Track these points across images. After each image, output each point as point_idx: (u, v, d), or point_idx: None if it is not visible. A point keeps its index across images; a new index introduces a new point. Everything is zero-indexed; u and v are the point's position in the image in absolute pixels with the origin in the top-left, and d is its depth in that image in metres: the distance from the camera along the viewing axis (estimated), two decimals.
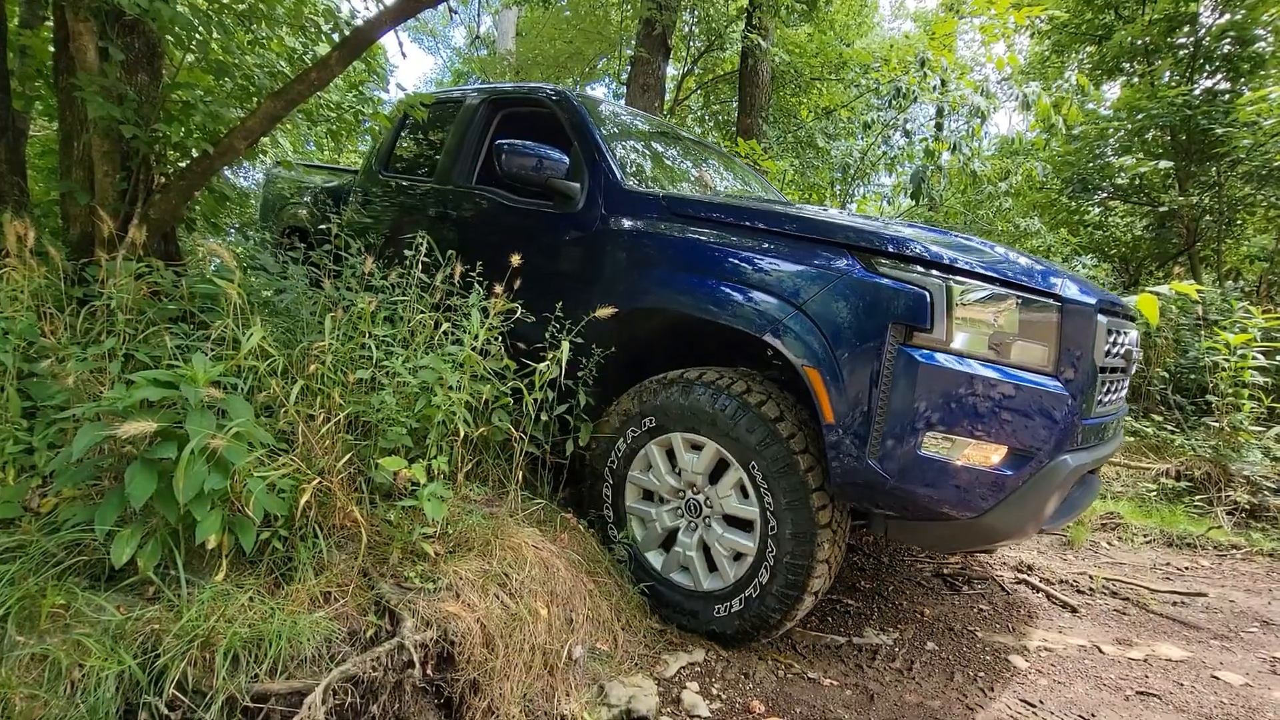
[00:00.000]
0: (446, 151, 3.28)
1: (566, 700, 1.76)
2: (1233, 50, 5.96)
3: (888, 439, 1.79)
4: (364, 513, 1.84)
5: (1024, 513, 1.88)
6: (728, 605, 2.13)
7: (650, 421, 2.23)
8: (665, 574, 2.26)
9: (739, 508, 2.10)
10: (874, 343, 1.81)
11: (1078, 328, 1.92)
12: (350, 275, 2.42)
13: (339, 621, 1.60)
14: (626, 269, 2.39)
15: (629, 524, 2.33)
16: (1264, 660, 2.35)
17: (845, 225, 2.04)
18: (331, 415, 1.84)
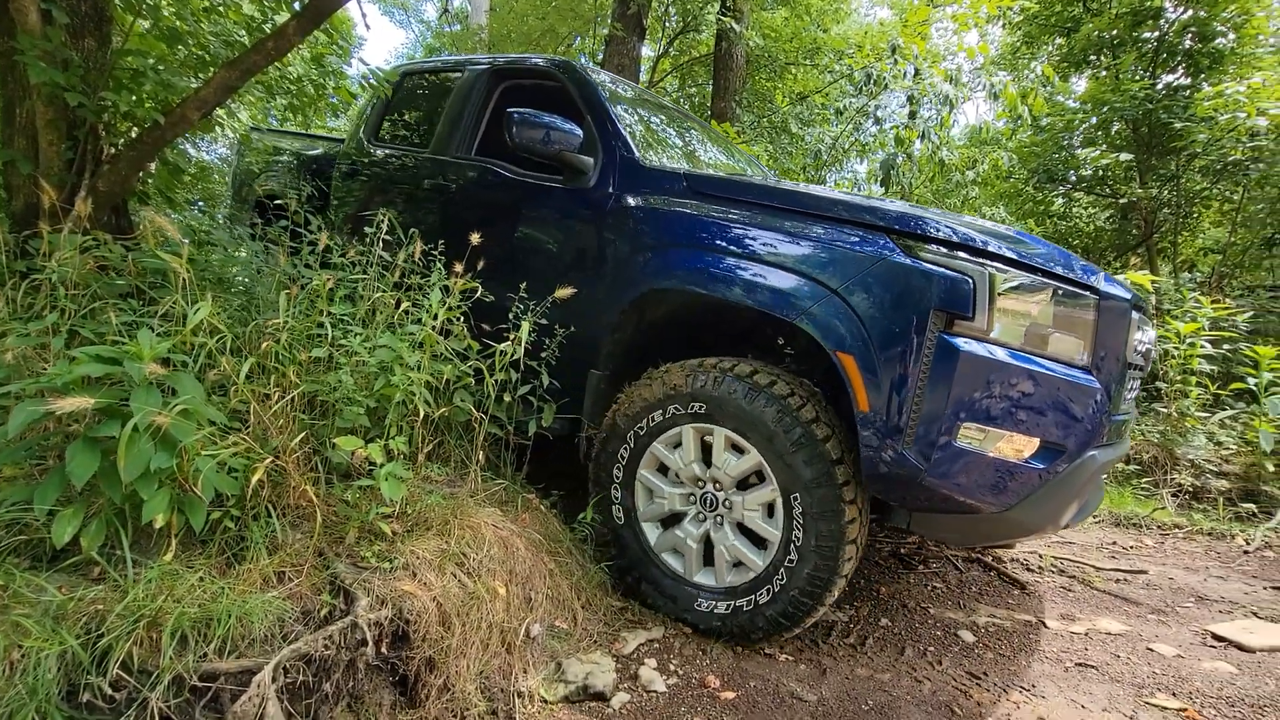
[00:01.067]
0: (444, 122, 3.16)
1: (524, 678, 1.78)
2: (1194, 46, 6.11)
3: (924, 429, 1.73)
4: (320, 493, 1.83)
5: (1051, 508, 1.86)
6: (713, 605, 2.10)
7: (699, 407, 2.08)
8: (657, 550, 2.24)
9: (761, 525, 2.04)
10: (914, 330, 1.74)
11: (1112, 323, 1.89)
12: (309, 252, 2.37)
13: (292, 601, 1.59)
14: (644, 249, 2.29)
15: (635, 490, 2.25)
16: (1196, 633, 2.47)
17: (883, 208, 1.98)
18: (286, 394, 1.81)
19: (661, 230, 2.29)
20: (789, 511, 1.96)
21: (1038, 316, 1.79)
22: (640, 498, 2.26)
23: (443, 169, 3.04)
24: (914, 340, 1.74)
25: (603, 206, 2.45)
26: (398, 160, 3.31)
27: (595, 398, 2.39)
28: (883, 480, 1.82)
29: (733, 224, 2.15)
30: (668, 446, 2.19)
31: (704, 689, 1.88)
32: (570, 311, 2.41)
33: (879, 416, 1.78)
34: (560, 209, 2.60)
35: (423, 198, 3.07)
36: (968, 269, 1.75)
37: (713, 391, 2.05)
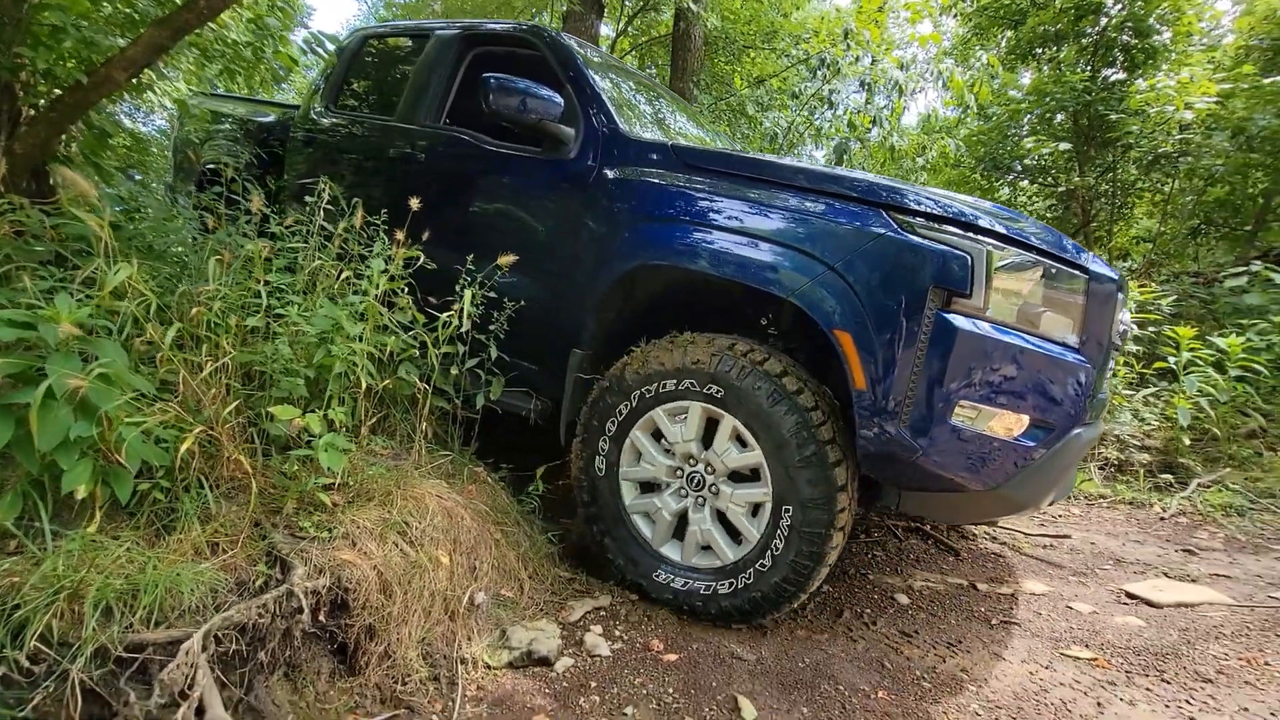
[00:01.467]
0: (411, 89, 3.02)
1: (468, 644, 1.79)
2: (1130, 42, 6.37)
3: (920, 408, 1.71)
4: (257, 464, 1.79)
5: (1040, 485, 1.88)
6: (671, 579, 2.09)
7: (715, 390, 1.97)
8: (630, 510, 2.20)
9: (743, 521, 2.01)
10: (912, 307, 1.72)
11: (1101, 302, 1.89)
12: (246, 220, 2.29)
13: (227, 572, 1.56)
14: (631, 223, 2.20)
15: (624, 448, 2.17)
16: (1112, 592, 2.63)
17: (879, 183, 1.93)
18: (220, 364, 1.76)
19: (650, 204, 2.20)
20: (776, 520, 1.93)
21: (1031, 295, 1.79)
22: (627, 456, 2.18)
23: (410, 138, 2.91)
24: (912, 318, 1.72)
25: (585, 179, 2.36)
26: (360, 128, 3.17)
27: (577, 377, 2.30)
28: (877, 459, 1.81)
29: (726, 198, 2.08)
30: (670, 417, 2.11)
31: (648, 652, 1.93)
32: (550, 288, 2.34)
33: (876, 395, 1.75)
34: (539, 181, 2.50)
35: (388, 168, 2.94)
36: (965, 246, 1.73)
37: (735, 381, 1.94)
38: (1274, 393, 4.42)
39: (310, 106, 3.46)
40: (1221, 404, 4.25)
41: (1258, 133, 6.14)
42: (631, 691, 1.73)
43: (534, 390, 2.50)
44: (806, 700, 1.72)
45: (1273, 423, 4.33)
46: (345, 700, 1.56)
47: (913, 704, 1.72)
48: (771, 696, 1.73)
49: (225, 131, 3.90)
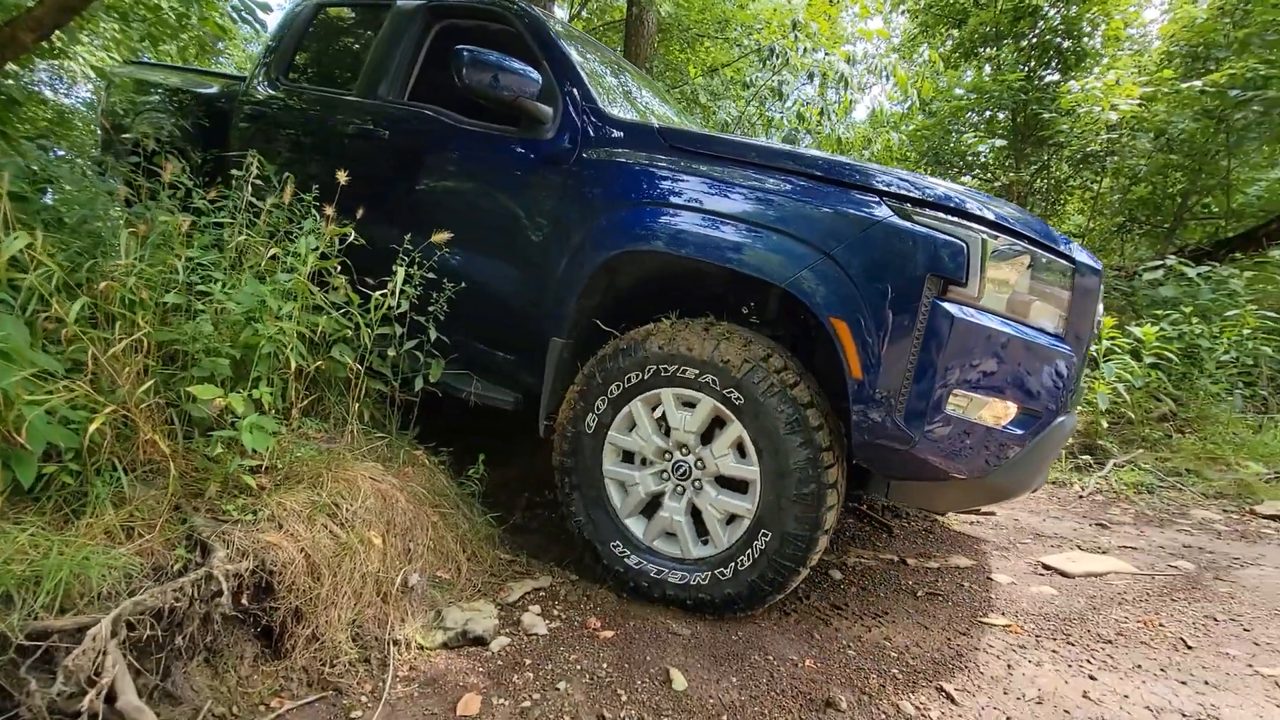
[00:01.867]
0: (372, 62, 2.86)
1: (401, 626, 1.78)
2: (1064, 44, 6.66)
3: (916, 397, 1.70)
4: (177, 446, 1.72)
5: (1027, 472, 1.89)
6: (626, 555, 2.08)
7: (735, 396, 1.89)
8: (606, 473, 2.14)
9: (714, 525, 2.00)
10: (909, 295, 1.70)
11: (1085, 293, 1.89)
12: (169, 195, 2.19)
13: (142, 557, 1.51)
14: (616, 207, 2.12)
15: (621, 414, 2.09)
16: (1030, 564, 2.79)
17: (874, 169, 1.91)
18: (136, 342, 1.68)
19: (635, 187, 2.12)
20: (750, 539, 1.92)
21: (1021, 284, 1.79)
22: (621, 422, 2.10)
23: (372, 114, 2.77)
24: (909, 306, 1.70)
25: (565, 160, 2.27)
26: (316, 103, 3.01)
27: (558, 368, 2.21)
28: (872, 449, 1.79)
29: (716, 182, 2.02)
30: (679, 402, 2.02)
31: (585, 630, 1.95)
32: (527, 273, 2.26)
33: (872, 384, 1.73)
34: (514, 161, 2.39)
35: (348, 146, 2.79)
36: (961, 234, 1.71)
37: (759, 395, 1.87)
38: (1184, 379, 4.74)
39: (257, 78, 3.26)
40: (1137, 389, 4.53)
41: (1177, 135, 6.53)
42: (566, 668, 1.75)
43: (510, 380, 2.43)
44: (736, 670, 1.77)
45: (1182, 407, 4.65)
46: (270, 684, 1.53)
47: (837, 671, 1.80)
48: (703, 668, 1.78)
49: (159, 103, 3.62)
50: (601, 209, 2.15)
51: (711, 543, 2.02)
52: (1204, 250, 6.54)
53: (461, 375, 2.46)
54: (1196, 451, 4.22)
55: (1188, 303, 5.03)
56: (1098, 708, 1.69)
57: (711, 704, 1.63)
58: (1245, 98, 5.68)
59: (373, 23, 3.06)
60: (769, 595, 1.94)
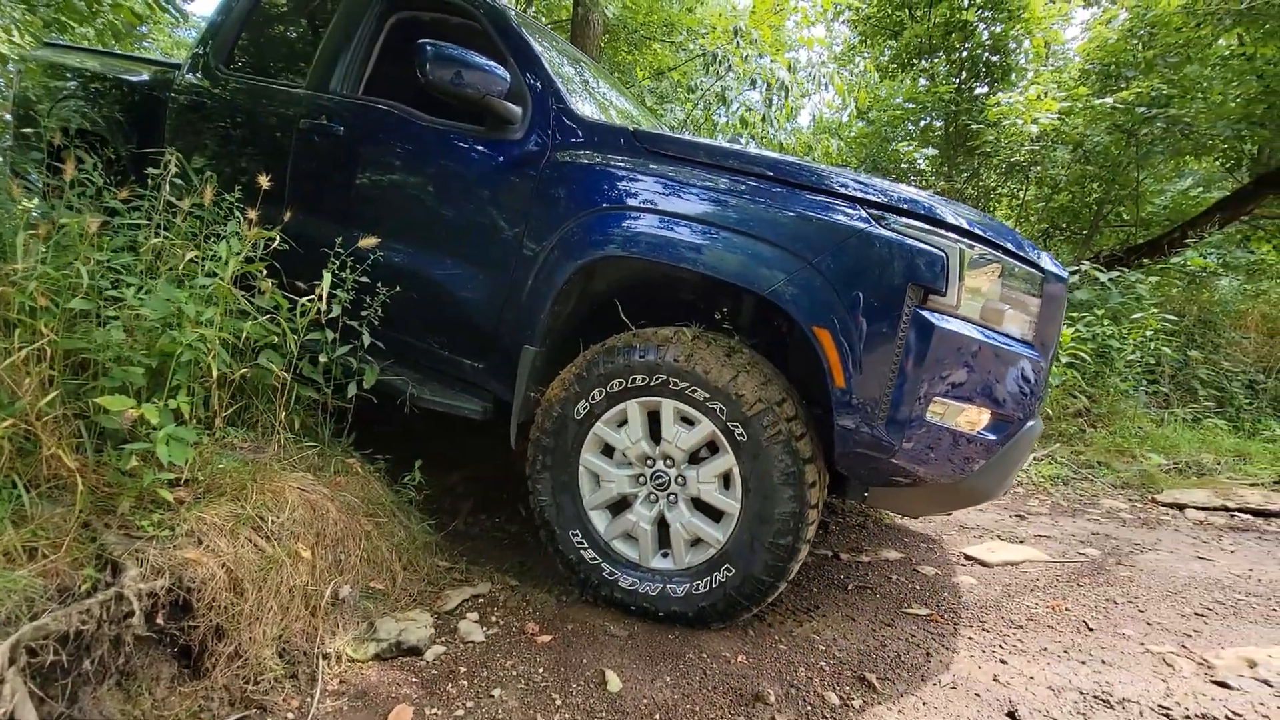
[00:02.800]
0: (324, 53, 2.71)
1: (331, 639, 1.74)
2: (992, 59, 7.01)
3: (897, 405, 1.72)
4: (87, 460, 1.64)
5: (1000, 476, 1.93)
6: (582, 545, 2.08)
7: (739, 432, 1.86)
8: (582, 463, 2.10)
9: (681, 542, 2.00)
10: (890, 304, 1.71)
11: (1053, 299, 1.93)
12: (77, 194, 2.07)
13: (46, 578, 1.43)
14: (588, 212, 2.07)
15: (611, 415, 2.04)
16: (953, 555, 2.94)
17: (853, 177, 1.92)
18: (37, 351, 1.59)
19: (610, 192, 2.08)
20: (712, 568, 1.94)
21: (995, 292, 1.82)
22: (612, 417, 2.04)
23: (325, 109, 2.63)
24: (890, 315, 1.71)
25: (535, 162, 2.22)
26: (260, 95, 2.85)
27: (531, 376, 2.15)
28: (854, 458, 1.81)
29: (694, 187, 1.98)
30: (678, 417, 1.98)
31: (522, 635, 1.95)
32: (494, 279, 2.21)
33: (854, 392, 1.75)
34: (481, 163, 2.31)
35: (298, 142, 2.65)
36: (940, 243, 1.73)
37: (763, 440, 1.84)
38: (1097, 377, 5.07)
39: (193, 66, 3.07)
40: (1055, 387, 4.82)
41: (1093, 147, 6.97)
42: (502, 674, 1.75)
43: (478, 388, 2.37)
44: (670, 669, 1.81)
45: (1095, 403, 4.97)
46: (189, 705, 1.48)
47: (767, 665, 1.86)
48: (638, 668, 1.81)
49: (78, 90, 3.36)
50: (575, 213, 2.10)
51: (671, 558, 2.04)
52: (1116, 256, 7.01)
53: (400, 378, 2.41)
54: (1107, 445, 4.53)
55: (1100, 306, 5.37)
56: (1005, 689, 1.81)
57: (645, 704, 1.67)
58: (1151, 114, 6.11)
59: (321, 11, 2.92)
60: (714, 621, 1.99)
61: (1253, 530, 3.37)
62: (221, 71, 3.00)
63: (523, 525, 2.96)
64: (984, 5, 6.76)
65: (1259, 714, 1.73)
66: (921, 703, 1.73)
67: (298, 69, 2.90)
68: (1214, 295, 5.93)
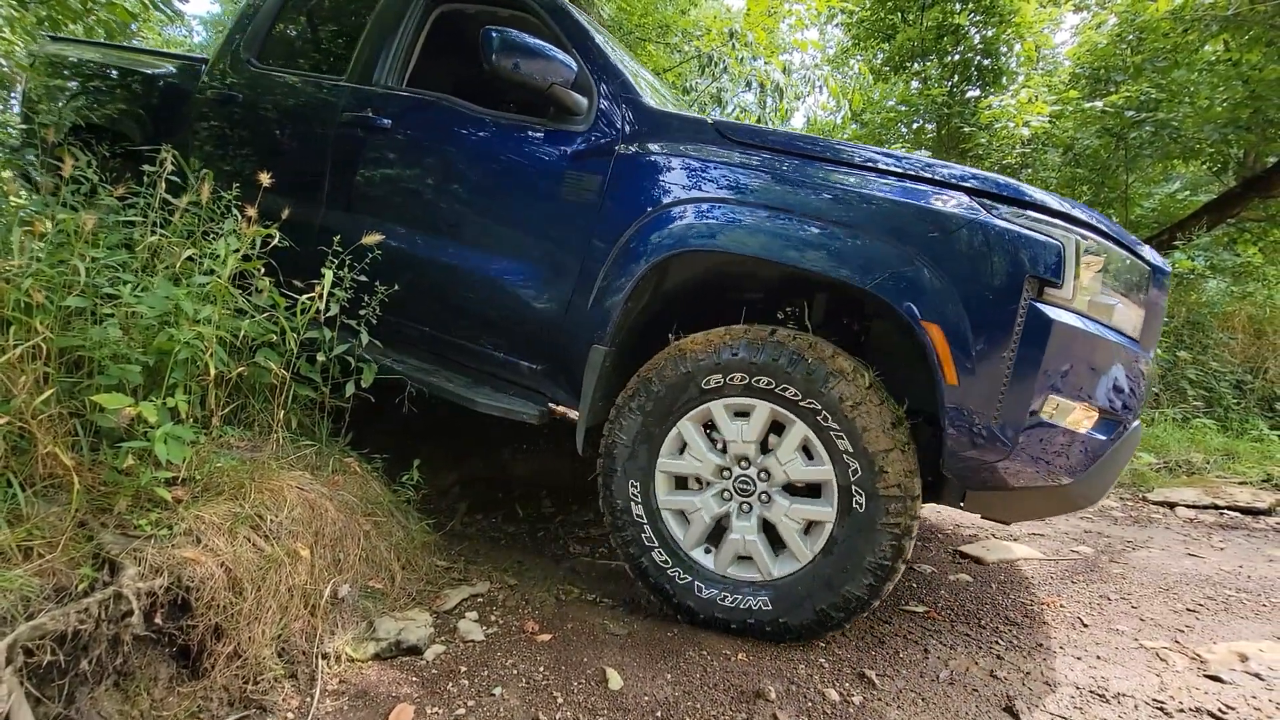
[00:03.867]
0: (366, 45, 2.63)
1: (330, 639, 1.74)
2: (983, 62, 7.08)
3: (1013, 403, 1.63)
4: (80, 458, 1.63)
5: (1104, 479, 1.83)
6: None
7: (857, 494, 1.78)
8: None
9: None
10: (1007, 297, 1.62)
11: (1159, 295, 1.86)
12: (72, 191, 2.06)
13: (42, 577, 1.42)
14: (669, 204, 1.98)
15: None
16: (950, 554, 2.97)
17: (955, 167, 1.83)
18: (34, 349, 1.58)
19: (695, 183, 1.98)
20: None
21: (1107, 285, 1.73)
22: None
23: (371, 103, 2.54)
24: (1006, 308, 1.62)
25: (606, 154, 2.13)
26: (298, 88, 2.77)
27: (600, 377, 2.04)
28: (963, 460, 1.71)
29: (785, 179, 1.88)
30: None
31: (522, 634, 1.95)
32: (558, 276, 2.13)
33: (968, 391, 1.65)
34: (547, 155, 2.21)
35: (339, 137, 2.58)
36: (1056, 233, 1.65)
37: (880, 496, 1.75)
38: None
39: (223, 61, 2.97)
40: None
41: (1082, 150, 7.04)
42: (502, 673, 1.75)
43: (531, 391, 2.30)
44: (671, 667, 1.82)
45: None
46: (187, 705, 1.47)
47: (768, 662, 1.86)
48: (639, 666, 1.81)
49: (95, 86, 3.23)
50: (653, 206, 2.01)
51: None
52: None
53: (520, 395, 2.31)
54: None
55: None
56: (1002, 685, 1.82)
57: (646, 701, 1.67)
58: (1139, 118, 6.19)
59: (361, 3, 2.83)
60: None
61: (1241, 528, 3.41)
62: (254, 65, 2.91)
63: (519, 525, 2.96)
64: (975, 10, 6.83)
65: (1251, 707, 1.75)
66: (920, 698, 1.74)
67: (334, 62, 2.82)
68: (1202, 297, 6.00)
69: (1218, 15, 5.65)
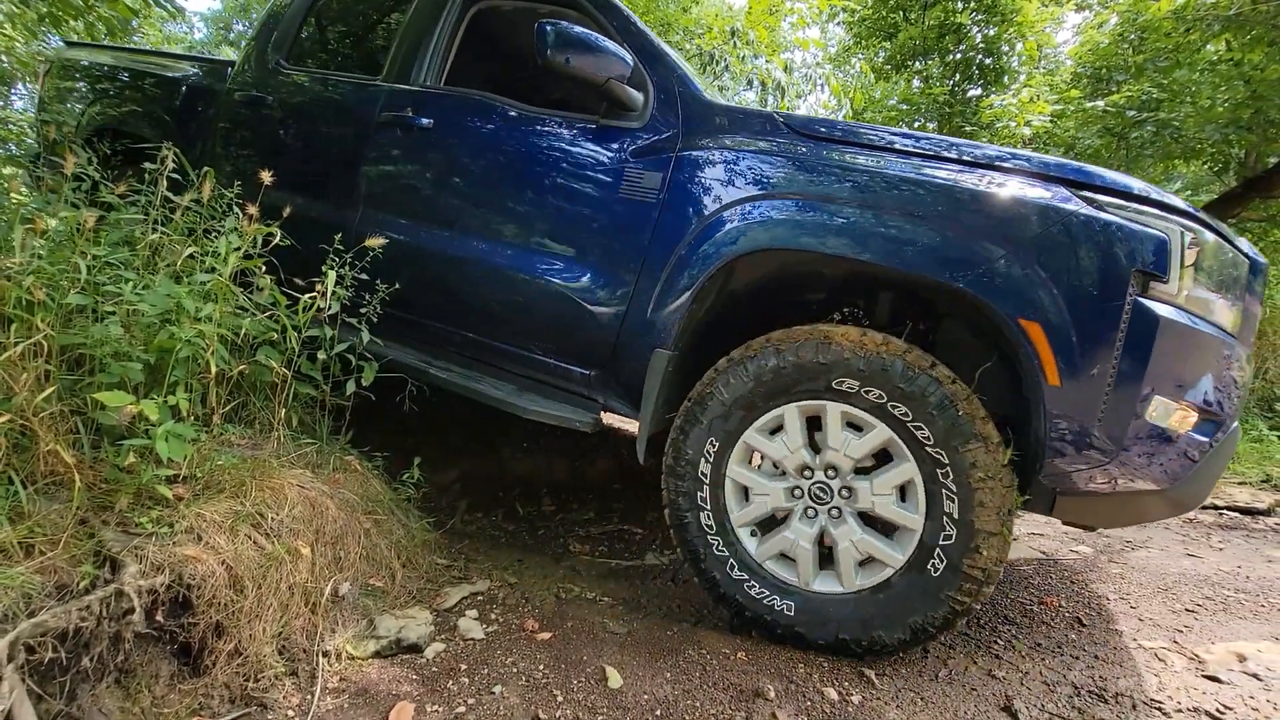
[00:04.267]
0: (404, 43, 2.58)
1: (331, 637, 1.74)
2: (985, 61, 7.07)
3: (1118, 404, 1.56)
4: (82, 456, 1.63)
5: (1204, 483, 1.75)
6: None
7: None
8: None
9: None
10: (1112, 293, 1.55)
11: (1259, 289, 1.79)
12: (73, 189, 2.06)
13: (44, 575, 1.42)
14: (738, 201, 1.90)
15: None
16: None
17: (1048, 158, 1.76)
18: (35, 346, 1.58)
19: (763, 179, 1.90)
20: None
21: (1208, 279, 1.66)
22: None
23: (411, 102, 2.49)
24: (1111, 305, 1.55)
25: (666, 150, 2.05)
26: (331, 88, 2.71)
27: (663, 382, 1.97)
28: (1062, 464, 1.63)
29: (860, 172, 1.81)
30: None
31: (522, 632, 1.96)
32: (616, 278, 2.06)
33: (1072, 392, 1.58)
34: (602, 152, 2.14)
35: (376, 137, 2.53)
36: (1161, 225, 1.58)
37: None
38: None
39: (254, 59, 2.91)
40: None
41: (1084, 150, 7.02)
42: (502, 671, 1.75)
43: (582, 398, 2.23)
44: (671, 665, 1.82)
45: None
46: (188, 702, 1.47)
47: (767, 661, 1.87)
48: (639, 665, 1.82)
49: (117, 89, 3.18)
50: (719, 203, 1.94)
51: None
52: None
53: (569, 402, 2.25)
54: None
55: None
56: (1001, 684, 1.82)
57: (646, 700, 1.67)
58: (1141, 118, 6.17)
59: (389, 1, 2.79)
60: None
61: (1240, 528, 3.42)
62: (283, 65, 2.87)
63: (519, 523, 2.96)
64: (977, 9, 6.82)
65: (1249, 707, 1.75)
66: (919, 697, 1.75)
67: (366, 63, 2.78)
68: None
69: (1220, 15, 5.64)
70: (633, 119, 2.14)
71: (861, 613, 1.82)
